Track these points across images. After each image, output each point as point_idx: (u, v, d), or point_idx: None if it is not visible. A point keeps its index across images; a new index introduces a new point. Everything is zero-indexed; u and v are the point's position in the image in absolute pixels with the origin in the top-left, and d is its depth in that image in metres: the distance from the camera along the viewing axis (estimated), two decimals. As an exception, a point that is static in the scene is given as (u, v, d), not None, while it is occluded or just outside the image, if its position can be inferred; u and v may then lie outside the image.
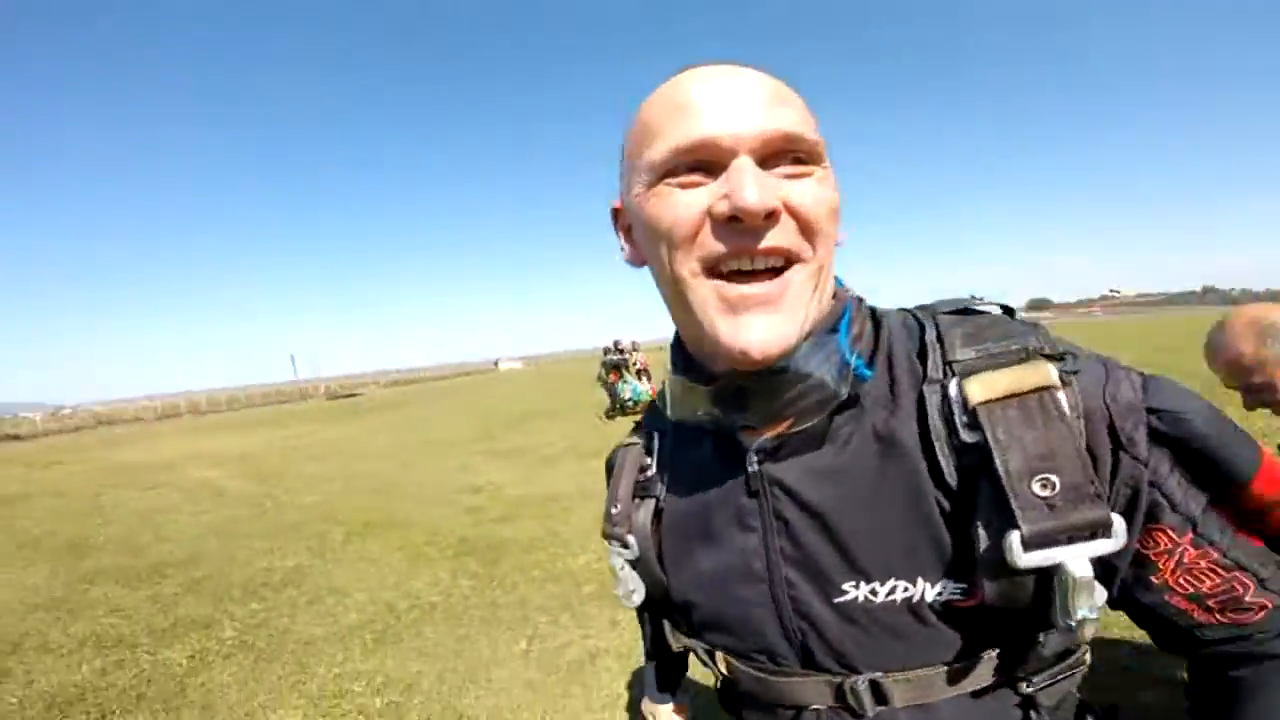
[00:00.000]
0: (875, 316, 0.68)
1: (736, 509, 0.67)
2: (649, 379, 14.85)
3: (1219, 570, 0.57)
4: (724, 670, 0.72)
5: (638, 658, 3.26)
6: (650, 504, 0.75)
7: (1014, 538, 0.52)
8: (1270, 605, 0.57)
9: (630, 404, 14.14)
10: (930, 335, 0.62)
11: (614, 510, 0.77)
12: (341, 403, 40.86)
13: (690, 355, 0.68)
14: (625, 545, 0.75)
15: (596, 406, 15.08)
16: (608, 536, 0.78)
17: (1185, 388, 0.58)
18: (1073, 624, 0.53)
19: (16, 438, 33.56)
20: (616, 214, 0.69)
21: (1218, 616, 0.58)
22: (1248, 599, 0.57)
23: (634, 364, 14.93)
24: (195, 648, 3.88)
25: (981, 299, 0.68)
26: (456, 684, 3.23)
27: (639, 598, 0.76)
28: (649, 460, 0.78)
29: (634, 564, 0.75)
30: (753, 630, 0.67)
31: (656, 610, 0.83)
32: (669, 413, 0.73)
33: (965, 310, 0.66)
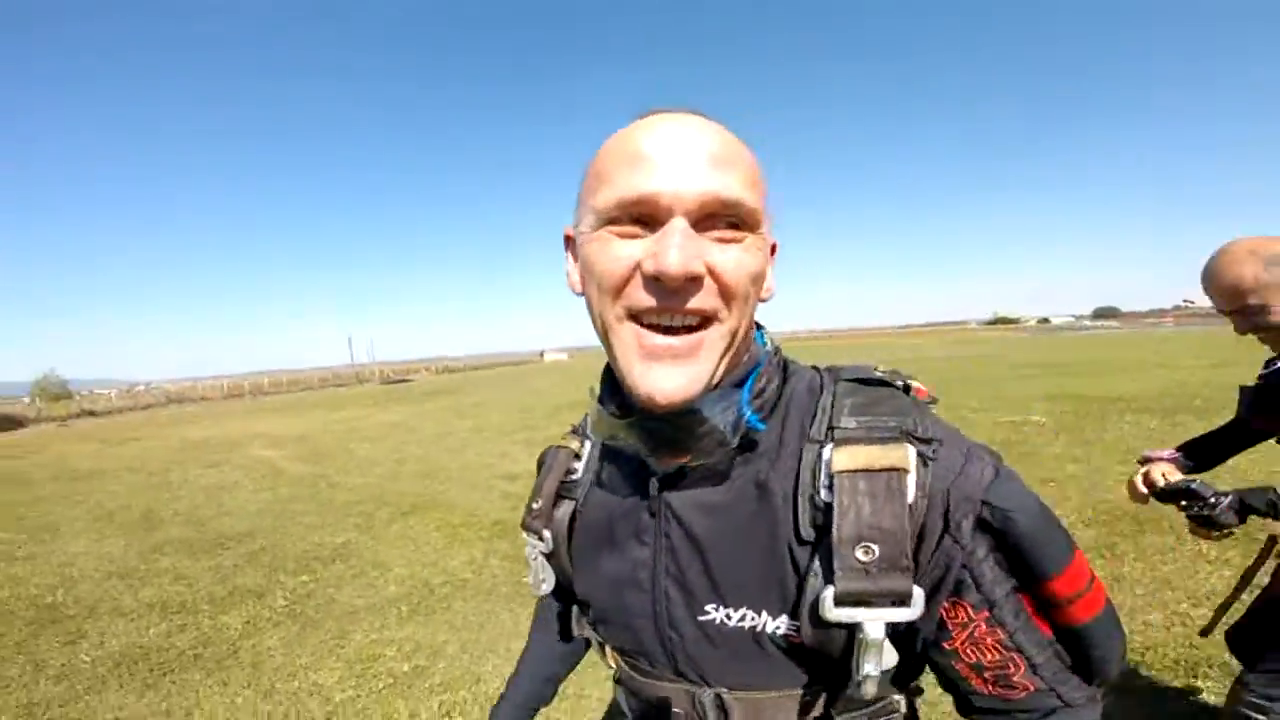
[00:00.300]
0: (786, 373, 0.74)
1: (637, 524, 0.73)
2: None
3: (1001, 648, 0.63)
4: (613, 664, 0.81)
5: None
6: (570, 505, 0.82)
7: (829, 592, 0.59)
8: (1033, 687, 0.64)
9: None
10: (825, 400, 0.69)
11: (535, 505, 0.83)
12: (394, 388, 42.12)
13: (609, 389, 0.74)
14: (541, 538, 0.82)
15: None
16: (525, 528, 0.84)
17: (1025, 488, 0.64)
18: (858, 679, 0.61)
19: (92, 414, 35.38)
20: (569, 240, 0.72)
21: (990, 688, 0.65)
22: (1015, 678, 0.64)
23: None
24: (249, 614, 4.19)
25: (886, 371, 0.74)
26: (478, 653, 3.48)
27: (548, 587, 0.84)
28: (576, 465, 0.84)
29: (547, 556, 0.83)
30: (635, 633, 0.75)
31: (565, 600, 0.92)
32: (590, 432, 0.83)
33: (867, 380, 0.71)
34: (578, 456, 0.85)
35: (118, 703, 3.20)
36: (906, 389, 0.71)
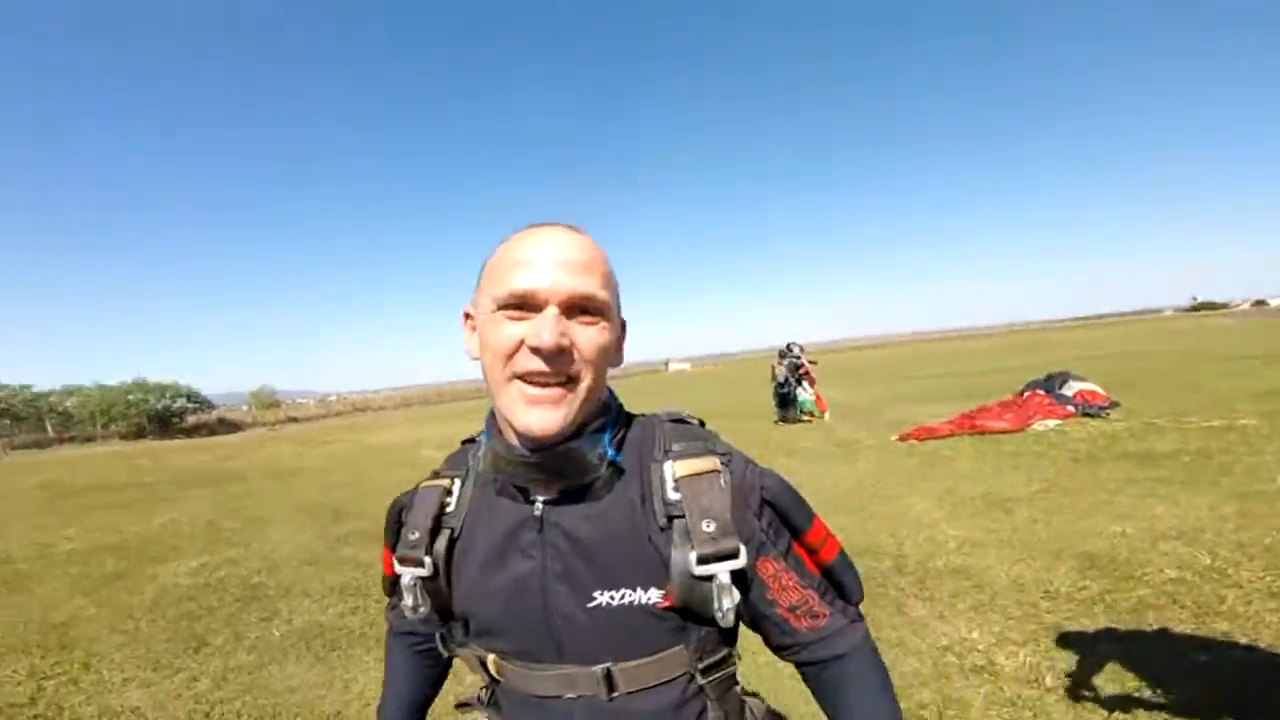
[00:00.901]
0: (630, 421, 0.97)
1: (521, 541, 0.88)
2: (812, 385, 13.68)
3: (799, 587, 0.89)
4: (493, 671, 0.93)
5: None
6: (447, 534, 0.94)
7: (693, 555, 0.80)
8: (828, 612, 0.90)
9: (804, 412, 13.24)
10: (658, 434, 0.93)
11: (412, 537, 0.93)
12: None
13: (494, 433, 0.90)
14: (420, 565, 0.92)
15: (759, 410, 14.52)
16: (401, 561, 0.94)
17: (780, 477, 0.92)
18: (721, 613, 0.80)
19: (295, 420, 39.90)
20: (467, 315, 0.94)
21: (806, 621, 0.89)
22: (816, 608, 0.89)
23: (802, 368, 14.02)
24: (409, 601, 4.66)
25: (689, 416, 0.99)
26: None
27: (425, 610, 0.95)
28: (450, 499, 0.96)
29: (425, 581, 0.94)
30: (524, 633, 0.89)
31: (436, 624, 1.01)
32: (481, 466, 0.94)
33: (679, 419, 0.97)
34: (448, 493, 0.97)
35: (293, 672, 3.64)
36: (702, 424, 0.99)
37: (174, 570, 5.84)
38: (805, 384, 13.44)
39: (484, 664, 0.94)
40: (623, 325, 0.94)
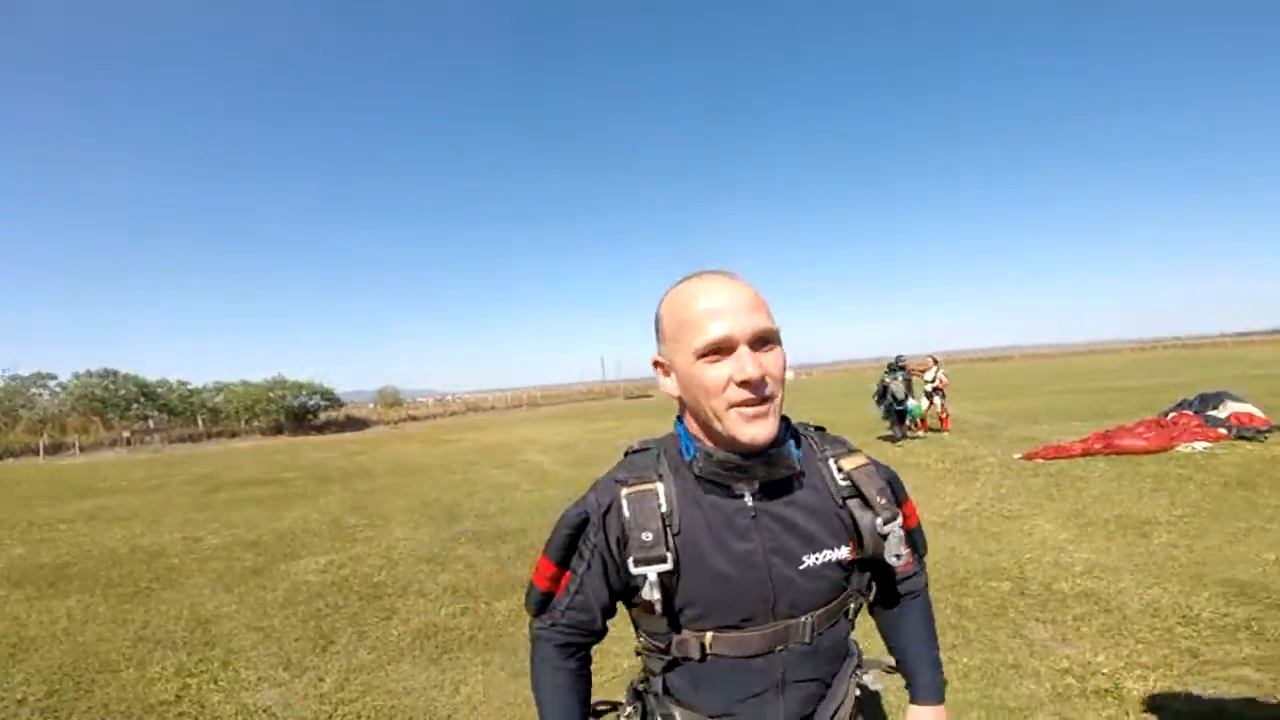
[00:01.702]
0: (794, 427, 1.19)
1: (739, 528, 1.06)
2: (943, 398, 12.99)
3: (908, 540, 1.18)
4: (707, 646, 1.07)
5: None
6: (670, 529, 1.05)
7: (878, 519, 1.07)
8: (912, 561, 1.24)
9: (912, 421, 12.56)
10: (814, 438, 1.19)
11: (645, 537, 1.03)
12: (635, 402, 45.40)
13: (706, 445, 1.08)
14: (663, 560, 1.02)
15: (867, 423, 13.87)
16: (642, 561, 1.02)
17: (891, 469, 1.22)
18: (897, 557, 1.07)
19: (415, 419, 41.86)
20: (657, 364, 1.14)
21: (907, 565, 1.15)
22: (908, 557, 1.12)
23: (928, 380, 13.15)
24: (515, 604, 4.66)
25: (818, 426, 1.25)
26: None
27: (659, 604, 1.04)
28: (663, 500, 1.07)
29: (664, 575, 1.03)
30: (749, 601, 1.05)
31: (653, 615, 1.10)
32: (698, 471, 1.08)
33: (818, 428, 1.24)
34: (658, 495, 1.08)
35: (409, 673, 3.71)
36: (821, 429, 1.25)
37: (305, 567, 6.14)
38: (937, 396, 12.90)
39: (701, 645, 1.07)
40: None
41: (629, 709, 1.23)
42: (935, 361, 13.40)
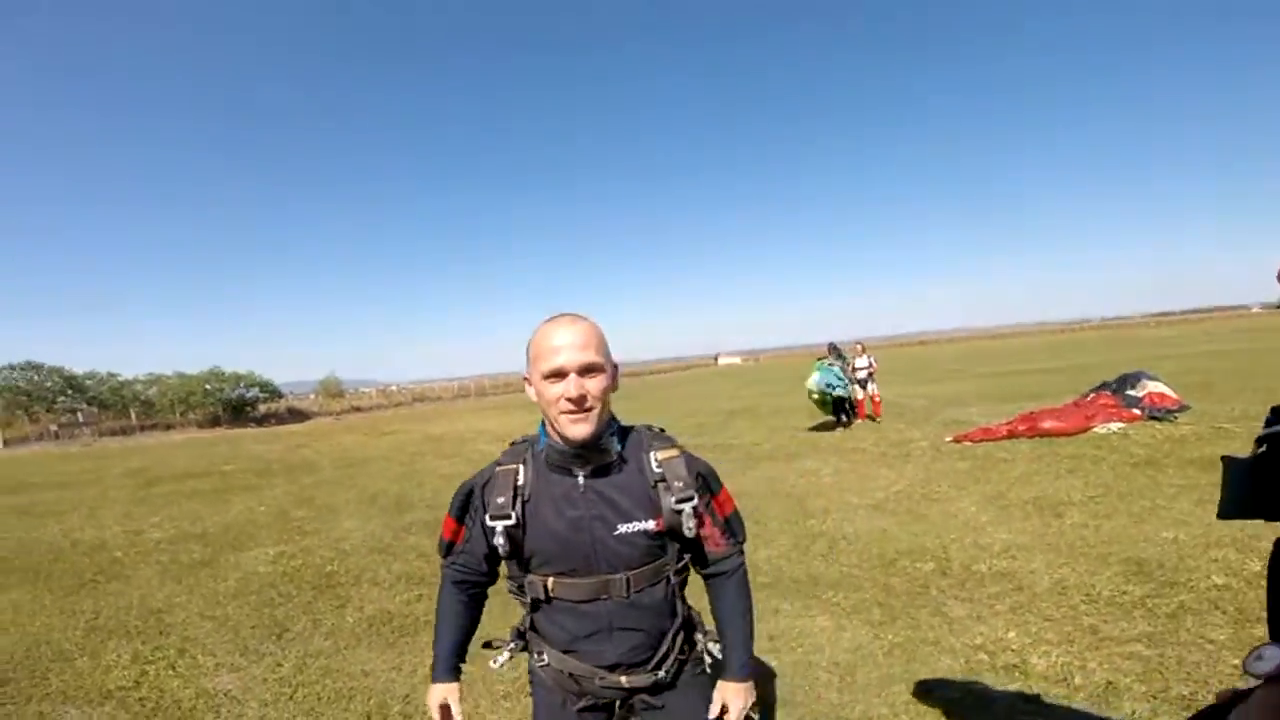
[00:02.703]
0: (625, 429, 1.52)
1: (572, 499, 1.42)
2: (874, 384, 12.96)
3: (711, 525, 1.51)
4: (550, 589, 1.44)
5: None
6: (521, 498, 1.44)
7: (674, 499, 1.40)
8: (725, 544, 1.54)
9: (846, 408, 12.36)
10: (645, 436, 1.52)
11: (500, 500, 1.43)
12: None
13: (552, 439, 1.44)
14: (509, 518, 1.41)
15: (808, 409, 13.96)
16: (494, 517, 1.42)
17: (705, 461, 1.54)
18: (690, 530, 1.40)
19: (358, 409, 40.96)
20: (526, 379, 1.48)
21: (717, 546, 1.52)
22: (719, 539, 1.53)
23: (860, 367, 12.91)
24: (471, 591, 4.79)
25: (660, 428, 1.57)
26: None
27: (505, 549, 1.44)
28: (519, 478, 1.46)
29: (510, 528, 1.42)
30: (576, 555, 1.41)
31: (505, 559, 1.50)
32: (544, 457, 1.46)
33: (650, 427, 1.56)
34: (518, 473, 1.47)
35: (366, 658, 3.79)
36: (662, 430, 1.56)
37: (254, 558, 6.11)
38: (869, 383, 12.85)
39: (544, 586, 1.44)
40: (615, 367, 1.46)
41: (512, 644, 1.59)
42: (864, 349, 13.34)
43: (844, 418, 12.22)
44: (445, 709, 1.54)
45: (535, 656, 1.54)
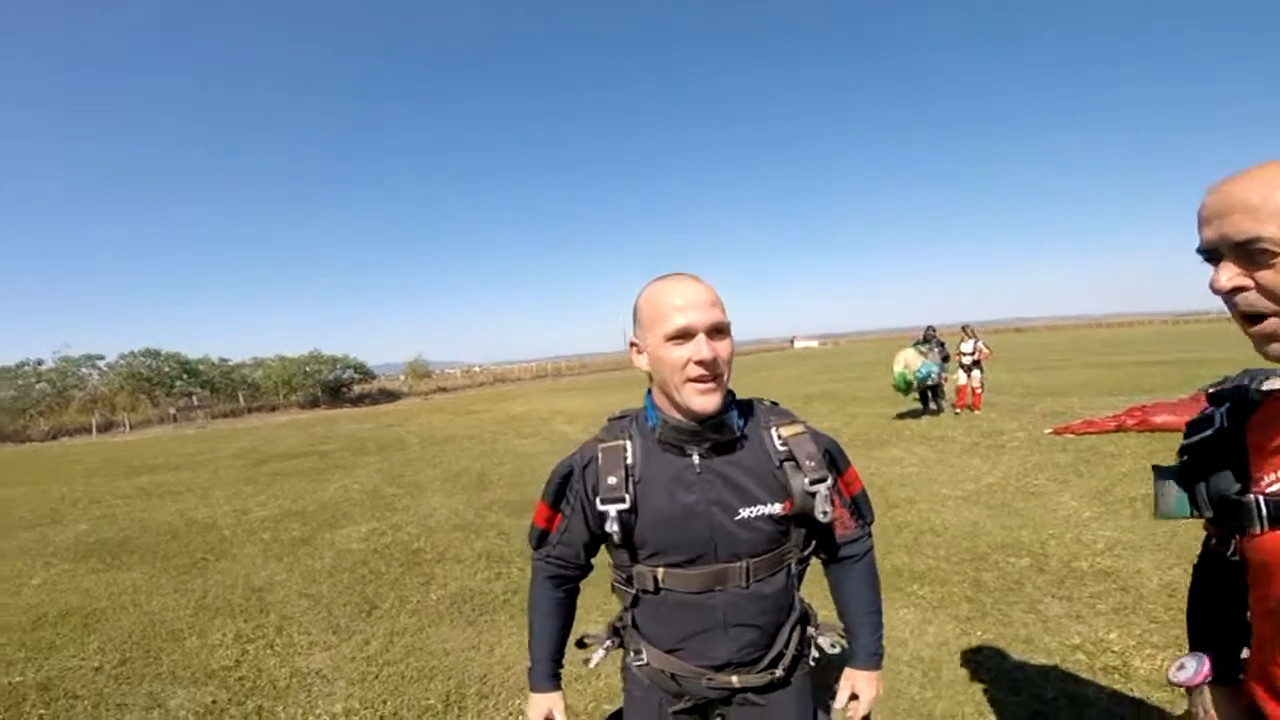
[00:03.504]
0: (742, 401, 1.36)
1: (686, 482, 1.27)
2: (981, 373, 11.47)
3: (840, 506, 1.37)
4: (660, 580, 1.30)
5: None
6: (633, 479, 1.29)
7: (806, 479, 1.24)
8: (854, 525, 1.41)
9: (933, 394, 11.45)
10: (762, 409, 1.37)
11: (610, 481, 1.28)
12: None
13: (665, 413, 1.29)
14: (622, 500, 1.26)
15: (891, 395, 13.31)
16: (606, 500, 1.27)
17: (830, 436, 1.38)
18: (824, 514, 1.23)
19: (444, 390, 42.35)
20: (633, 344, 1.32)
21: (846, 529, 1.39)
22: (847, 521, 1.39)
23: (966, 353, 11.50)
24: (547, 571, 4.83)
25: (773, 402, 1.41)
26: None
27: (618, 536, 1.28)
28: (628, 457, 1.30)
29: (623, 513, 1.26)
30: (692, 543, 1.27)
31: (614, 549, 1.36)
32: (657, 433, 1.30)
33: (762, 401, 1.39)
34: (626, 451, 1.31)
35: (447, 635, 3.87)
36: (776, 404, 1.41)
37: (348, 535, 6.36)
38: (975, 370, 11.49)
39: (653, 577, 1.30)
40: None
41: (608, 641, 1.47)
42: (971, 333, 11.84)
43: (931, 405, 11.45)
44: None
45: (632, 655, 1.41)
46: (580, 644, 1.52)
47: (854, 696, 1.40)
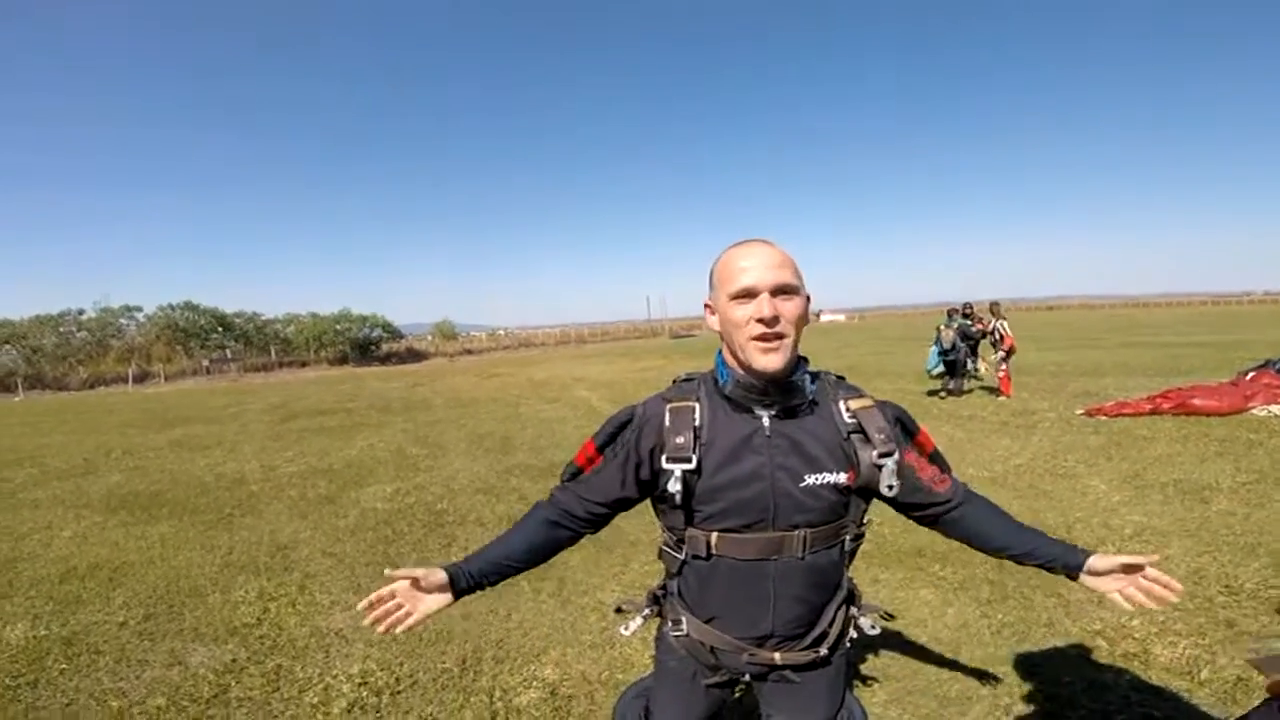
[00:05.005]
0: (813, 370, 1.33)
1: (754, 444, 1.23)
2: (1005, 356, 10.64)
3: (928, 465, 1.36)
4: (713, 545, 1.26)
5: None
6: (700, 440, 1.24)
7: (875, 452, 1.23)
8: (949, 479, 1.39)
9: (968, 377, 11.13)
10: (830, 381, 1.34)
11: (679, 441, 1.23)
12: (681, 341, 45.08)
13: (736, 372, 1.26)
14: (689, 460, 1.22)
15: (917, 371, 12.95)
16: (673, 459, 1.23)
17: (897, 404, 1.36)
18: (890, 487, 1.24)
19: (469, 352, 42.70)
20: (707, 305, 1.32)
21: (940, 485, 1.36)
22: (940, 475, 1.37)
23: (989, 332, 11.01)
24: (567, 539, 4.80)
25: (841, 375, 1.38)
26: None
27: (679, 499, 1.24)
28: (695, 417, 1.26)
29: (688, 473, 1.23)
30: (753, 508, 1.23)
31: (672, 510, 1.30)
32: (727, 391, 1.27)
33: (829, 373, 1.36)
34: (693, 412, 1.27)
35: (466, 600, 3.78)
36: (842, 378, 1.37)
37: (373, 494, 6.36)
38: (996, 354, 10.86)
39: (707, 542, 1.26)
40: (807, 299, 1.26)
41: (647, 610, 1.48)
42: (996, 313, 11.14)
43: (953, 384, 10.96)
44: (411, 585, 1.27)
45: (670, 624, 1.39)
46: (618, 610, 1.54)
47: (1132, 569, 1.29)
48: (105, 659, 3.31)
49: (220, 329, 35.74)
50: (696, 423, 1.25)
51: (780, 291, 1.18)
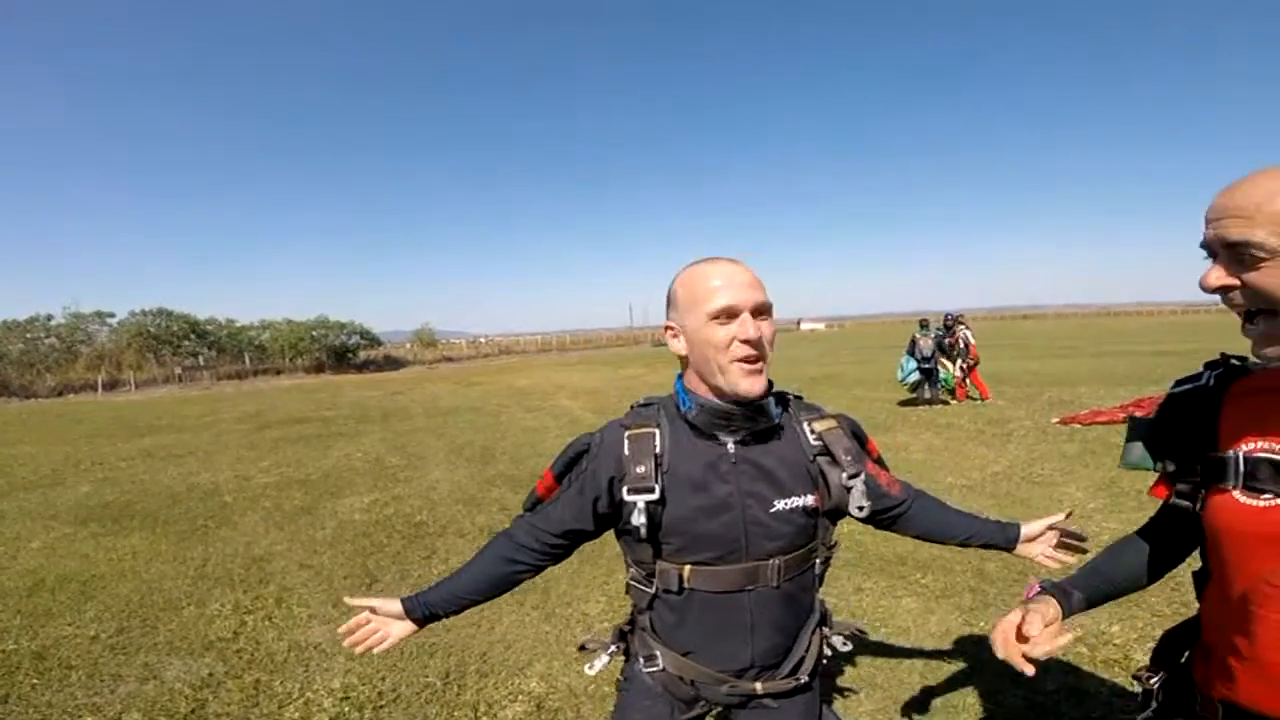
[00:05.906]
0: (777, 391, 1.29)
1: (720, 471, 1.21)
2: (964, 363, 11.10)
3: (882, 471, 1.40)
4: (685, 579, 1.22)
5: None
6: (662, 469, 1.20)
7: (844, 474, 1.22)
8: (898, 479, 1.43)
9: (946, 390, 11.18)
10: (794, 404, 1.33)
11: (639, 470, 1.19)
12: (663, 349, 44.46)
13: (701, 397, 1.23)
14: (651, 491, 1.18)
15: (893, 379, 12.74)
16: (634, 490, 1.18)
17: (851, 417, 1.36)
18: (860, 509, 1.22)
19: (449, 359, 42.37)
20: (669, 328, 1.28)
21: (895, 488, 1.40)
22: (891, 478, 1.41)
23: (956, 343, 11.22)
24: (550, 550, 4.78)
25: (797, 395, 1.36)
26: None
27: (644, 530, 1.19)
28: (657, 444, 1.21)
29: (650, 504, 1.18)
30: (724, 539, 1.20)
31: (637, 543, 1.26)
32: (691, 420, 1.23)
33: (796, 395, 1.35)
34: (655, 439, 1.22)
35: None
36: (800, 396, 1.37)
37: (350, 506, 6.29)
38: (955, 360, 11.21)
39: (679, 576, 1.22)
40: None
41: (613, 646, 1.43)
42: (955, 321, 11.42)
43: (929, 393, 10.93)
44: (371, 621, 1.32)
45: (642, 661, 1.33)
46: (582, 648, 1.50)
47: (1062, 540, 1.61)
48: (78, 673, 3.24)
49: (193, 335, 35.07)
50: (657, 450, 1.21)
51: (759, 312, 1.18)
